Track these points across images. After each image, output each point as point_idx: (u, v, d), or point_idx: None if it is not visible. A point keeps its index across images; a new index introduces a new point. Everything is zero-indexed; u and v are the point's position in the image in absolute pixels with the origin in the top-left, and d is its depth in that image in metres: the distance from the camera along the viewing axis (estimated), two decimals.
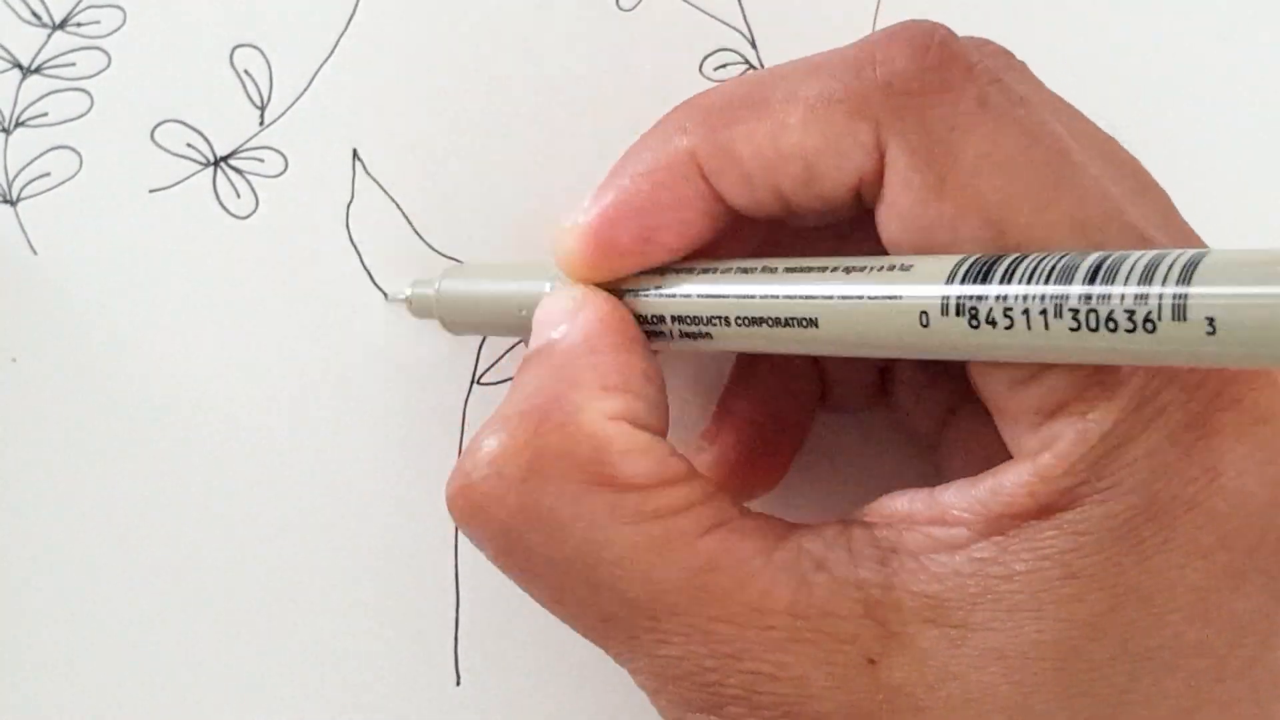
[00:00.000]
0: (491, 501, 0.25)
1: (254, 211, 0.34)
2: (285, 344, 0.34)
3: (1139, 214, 0.24)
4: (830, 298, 0.24)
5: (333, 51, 0.35)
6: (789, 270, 0.25)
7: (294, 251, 0.34)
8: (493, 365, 0.34)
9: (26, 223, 0.34)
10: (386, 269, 0.34)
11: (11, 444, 0.33)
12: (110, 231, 0.34)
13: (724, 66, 0.35)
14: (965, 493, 0.24)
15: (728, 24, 0.35)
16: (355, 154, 0.34)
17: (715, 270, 0.27)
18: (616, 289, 0.28)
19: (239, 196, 0.34)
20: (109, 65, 0.34)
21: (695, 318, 0.27)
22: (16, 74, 0.34)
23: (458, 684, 0.33)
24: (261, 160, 0.34)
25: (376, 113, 0.35)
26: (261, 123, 0.34)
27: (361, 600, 0.33)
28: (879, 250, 0.25)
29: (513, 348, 0.34)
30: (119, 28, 0.34)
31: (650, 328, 0.28)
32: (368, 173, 0.34)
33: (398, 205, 0.34)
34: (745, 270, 0.26)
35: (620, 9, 0.35)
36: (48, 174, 0.34)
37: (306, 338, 0.34)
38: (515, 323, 0.30)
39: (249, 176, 0.34)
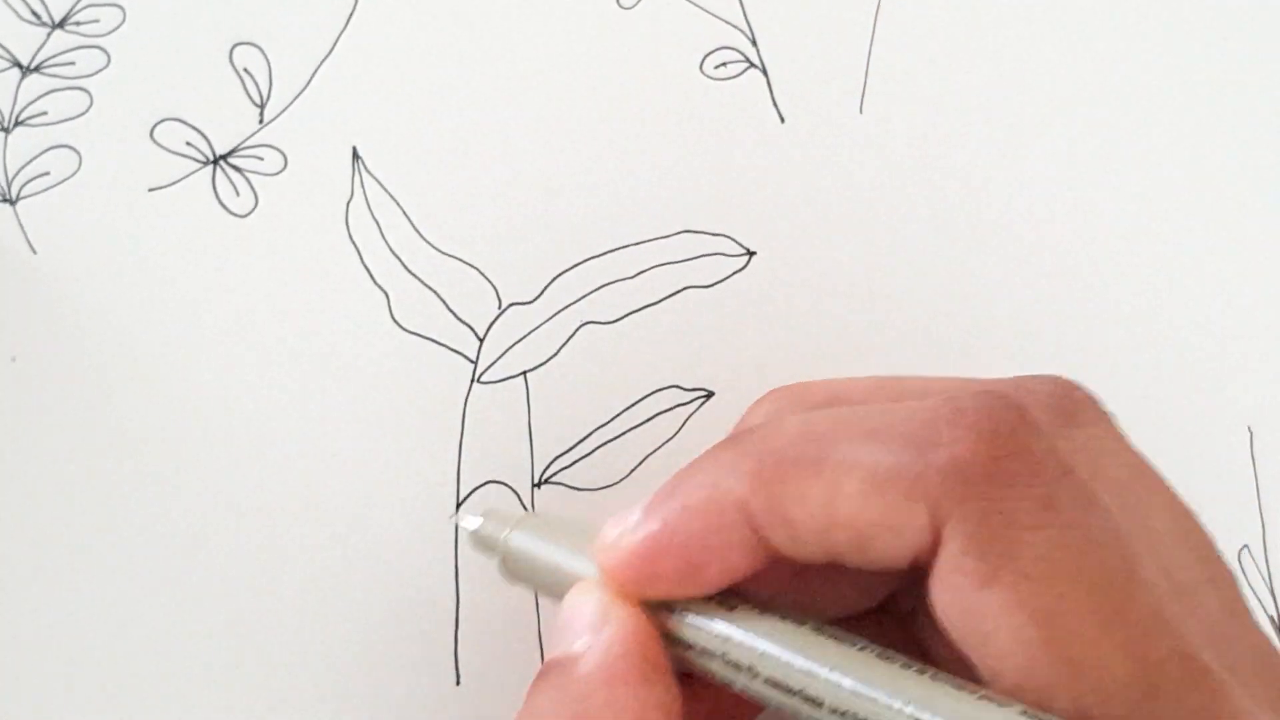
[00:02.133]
0: None
1: (253, 210, 0.34)
2: (285, 342, 0.34)
3: (1198, 631, 0.24)
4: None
5: (332, 49, 0.35)
6: (856, 675, 0.24)
7: (294, 250, 0.34)
8: (492, 365, 0.34)
9: (26, 222, 0.34)
10: (387, 267, 0.34)
11: (11, 443, 0.33)
12: (110, 230, 0.34)
13: (724, 64, 0.35)
14: None
15: (728, 22, 0.35)
16: (355, 152, 0.34)
17: (774, 621, 0.26)
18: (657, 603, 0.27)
19: (238, 195, 0.34)
20: (108, 64, 0.34)
21: (736, 663, 0.26)
22: (16, 73, 0.34)
23: (458, 684, 0.33)
24: (261, 158, 0.34)
25: (376, 111, 0.34)
26: (261, 121, 0.34)
27: (361, 600, 0.33)
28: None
29: (513, 346, 0.34)
30: (118, 26, 0.34)
31: (681, 647, 0.27)
32: (367, 171, 0.34)
33: (398, 203, 0.34)
34: (807, 638, 0.25)
35: (621, 7, 0.35)
36: (47, 173, 0.34)
37: (306, 336, 0.34)
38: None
39: (248, 175, 0.34)
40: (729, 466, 0.26)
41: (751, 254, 0.35)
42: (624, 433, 0.34)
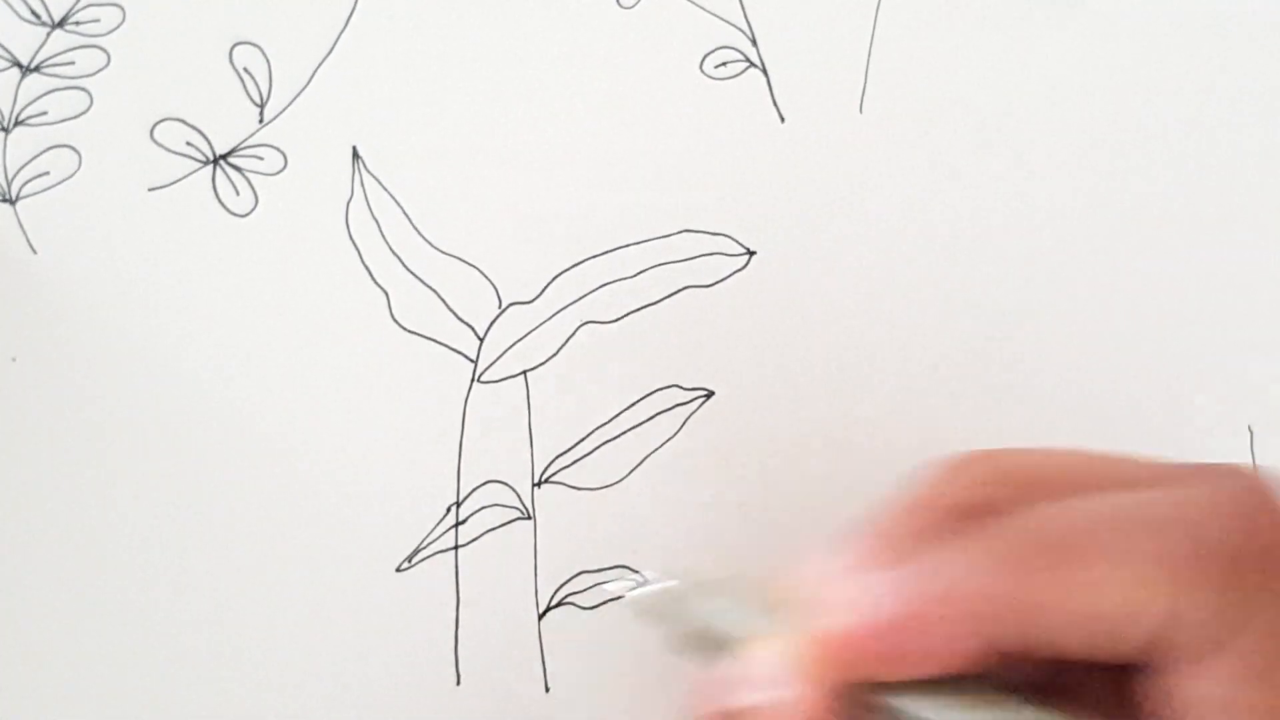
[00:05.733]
0: None
1: (253, 209, 0.34)
2: (285, 342, 0.34)
3: None
4: None
5: (332, 49, 0.35)
6: None
7: (294, 249, 0.34)
8: (492, 364, 0.34)
9: (26, 221, 0.34)
10: (387, 267, 0.34)
11: (11, 443, 0.33)
12: (110, 230, 0.34)
13: (724, 64, 0.35)
14: None
15: (728, 21, 0.35)
16: (355, 152, 0.34)
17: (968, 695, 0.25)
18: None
19: (238, 194, 0.34)
20: (108, 64, 0.34)
21: None
22: (16, 72, 0.34)
23: (458, 684, 0.33)
24: (261, 158, 0.34)
25: (376, 111, 0.34)
26: (261, 120, 0.34)
27: (362, 600, 0.33)
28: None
29: (513, 345, 0.34)
30: (118, 26, 0.34)
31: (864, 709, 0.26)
32: (368, 171, 0.34)
33: (398, 203, 0.34)
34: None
35: (621, 6, 0.35)
36: (47, 173, 0.34)
37: (306, 336, 0.34)
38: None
39: (248, 174, 0.34)
40: (980, 554, 0.25)
41: (751, 254, 0.35)
42: (624, 433, 0.34)
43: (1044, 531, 0.25)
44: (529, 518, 0.34)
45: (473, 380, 0.34)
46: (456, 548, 0.33)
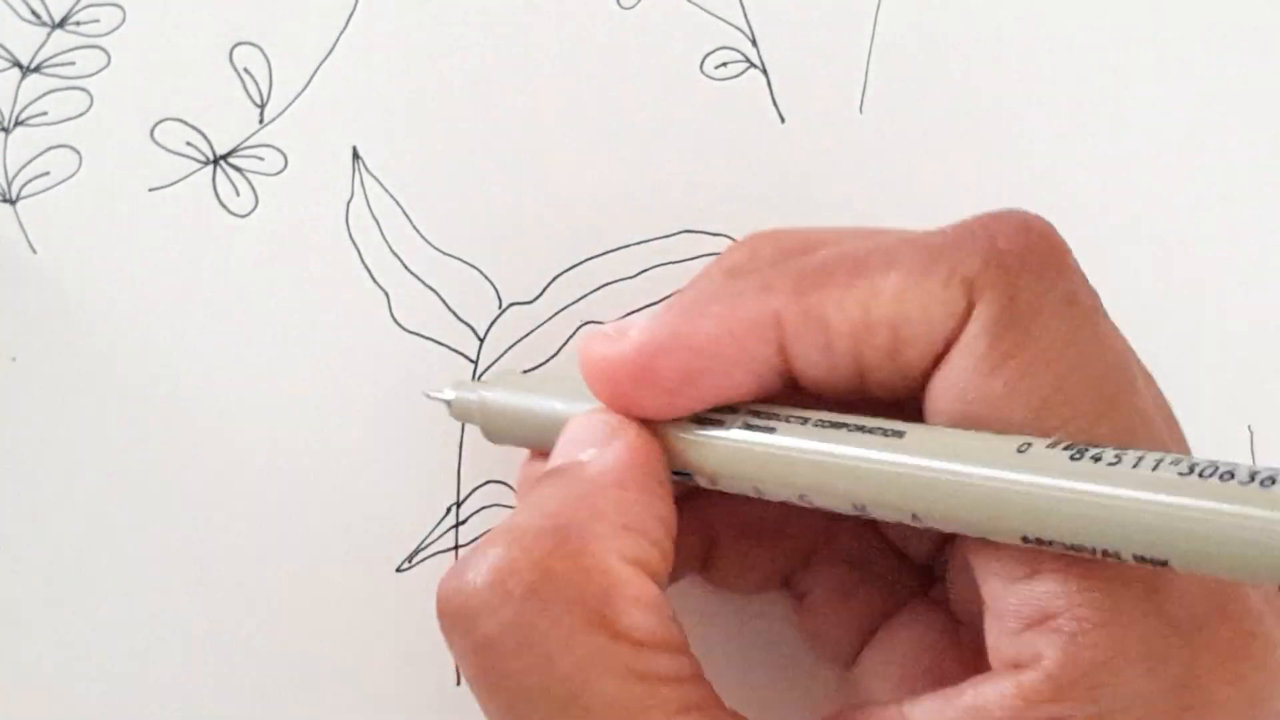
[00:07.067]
0: (484, 611, 0.23)
1: (254, 210, 0.34)
2: (285, 343, 0.34)
3: (1170, 438, 0.25)
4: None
5: (333, 49, 0.35)
6: (828, 425, 0.25)
7: (294, 250, 0.34)
8: (492, 365, 0.34)
9: (26, 222, 0.34)
10: (387, 267, 0.34)
11: (11, 443, 0.33)
12: (110, 230, 0.34)
13: (724, 65, 0.35)
14: (941, 712, 0.24)
15: (728, 22, 0.35)
16: (355, 152, 0.34)
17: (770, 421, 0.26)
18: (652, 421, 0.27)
19: (239, 195, 0.34)
20: (108, 64, 0.34)
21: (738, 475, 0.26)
22: (16, 73, 0.34)
23: (458, 684, 0.33)
24: (261, 158, 0.34)
25: (376, 111, 0.34)
26: (261, 121, 0.34)
27: (361, 600, 0.33)
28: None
29: (514, 345, 0.34)
30: (118, 26, 0.34)
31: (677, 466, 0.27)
32: (368, 171, 0.34)
33: (398, 203, 0.34)
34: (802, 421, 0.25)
35: (621, 7, 0.35)
36: (47, 173, 0.34)
37: (306, 337, 0.34)
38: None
39: (249, 175, 0.34)
40: (758, 282, 0.26)
41: None
42: None
43: (835, 256, 0.26)
44: None
45: (473, 380, 0.34)
46: (457, 548, 0.33)
